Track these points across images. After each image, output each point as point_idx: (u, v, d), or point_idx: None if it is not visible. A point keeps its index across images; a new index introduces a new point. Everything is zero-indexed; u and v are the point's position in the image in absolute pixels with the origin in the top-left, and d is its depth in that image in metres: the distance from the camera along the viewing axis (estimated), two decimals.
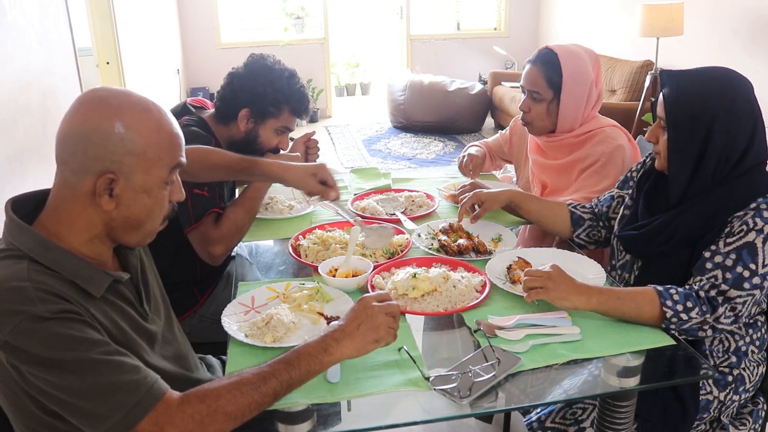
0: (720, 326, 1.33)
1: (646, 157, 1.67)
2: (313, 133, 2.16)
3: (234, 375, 1.03)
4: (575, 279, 1.36)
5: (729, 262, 1.33)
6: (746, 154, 1.39)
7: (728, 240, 1.35)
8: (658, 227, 1.46)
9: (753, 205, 1.36)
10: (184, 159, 1.10)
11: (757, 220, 1.34)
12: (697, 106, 1.39)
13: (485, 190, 1.82)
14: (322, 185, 1.57)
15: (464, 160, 2.21)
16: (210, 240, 1.67)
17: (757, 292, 1.33)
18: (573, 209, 1.78)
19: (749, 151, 1.39)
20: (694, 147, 1.40)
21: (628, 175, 1.72)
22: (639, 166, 1.68)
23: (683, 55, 4.81)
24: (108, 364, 0.95)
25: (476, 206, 1.80)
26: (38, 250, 1.01)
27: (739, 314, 1.33)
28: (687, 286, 1.37)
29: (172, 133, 1.08)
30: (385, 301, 1.14)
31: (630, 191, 1.67)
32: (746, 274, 1.32)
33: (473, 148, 2.33)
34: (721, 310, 1.32)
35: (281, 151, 1.97)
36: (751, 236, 1.33)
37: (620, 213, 1.66)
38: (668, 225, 1.44)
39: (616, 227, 1.66)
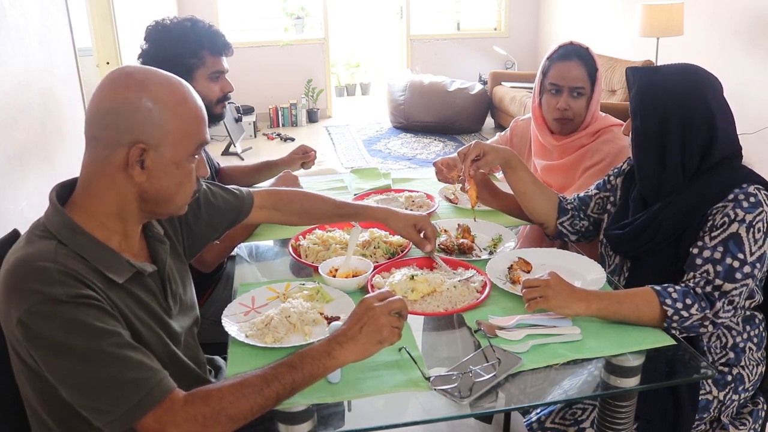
0: (720, 320, 1.34)
1: (624, 162, 1.69)
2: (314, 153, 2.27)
3: (237, 377, 1.03)
4: (574, 285, 1.36)
5: (717, 255, 1.35)
6: (711, 148, 1.41)
7: (713, 234, 1.37)
8: (642, 224, 1.48)
9: (731, 197, 1.37)
10: (208, 136, 1.13)
11: (738, 211, 1.35)
12: (657, 99, 1.43)
13: (487, 142, 1.78)
14: (421, 236, 1.61)
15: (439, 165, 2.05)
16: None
17: (749, 281, 1.35)
18: (561, 197, 1.77)
19: (713, 144, 1.41)
20: (653, 138, 1.44)
21: (606, 178, 1.73)
22: (617, 171, 1.70)
23: (683, 55, 4.81)
24: (115, 358, 0.96)
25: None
26: (65, 232, 1.03)
27: (737, 306, 1.35)
28: (683, 284, 1.37)
29: (197, 108, 1.10)
30: (387, 299, 1.12)
31: (609, 194, 1.69)
32: (736, 264, 1.33)
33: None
34: (718, 304, 1.33)
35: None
36: (735, 227, 1.35)
37: (605, 217, 1.68)
38: (652, 221, 1.46)
39: (602, 232, 1.67)
